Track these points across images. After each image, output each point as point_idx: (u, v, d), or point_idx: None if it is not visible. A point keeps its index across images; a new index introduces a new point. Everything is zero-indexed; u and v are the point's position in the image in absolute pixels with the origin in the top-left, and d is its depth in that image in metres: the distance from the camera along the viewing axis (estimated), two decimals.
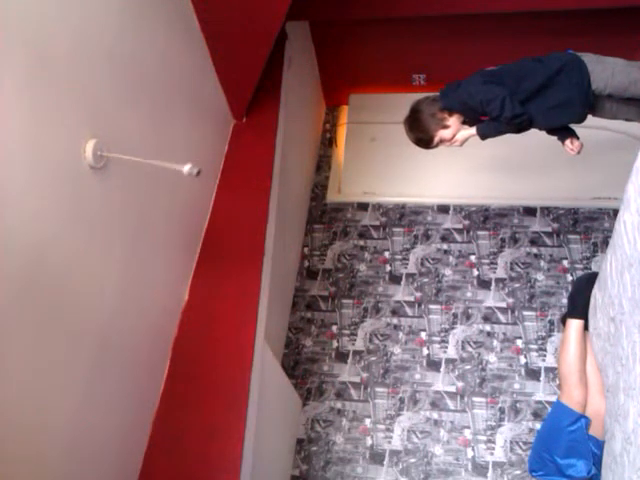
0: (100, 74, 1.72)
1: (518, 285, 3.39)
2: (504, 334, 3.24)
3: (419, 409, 3.08)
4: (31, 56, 1.42)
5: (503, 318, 3.30)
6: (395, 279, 3.52)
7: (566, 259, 3.44)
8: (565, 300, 3.22)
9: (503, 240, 3.56)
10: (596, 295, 2.10)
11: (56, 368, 1.54)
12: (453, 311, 3.36)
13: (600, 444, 1.99)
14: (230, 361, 2.14)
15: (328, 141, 4.20)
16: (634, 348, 1.64)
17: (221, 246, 2.44)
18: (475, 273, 3.47)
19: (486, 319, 3.31)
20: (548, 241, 3.52)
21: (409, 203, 3.78)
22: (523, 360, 3.14)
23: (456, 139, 2.46)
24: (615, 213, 2.05)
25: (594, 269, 3.31)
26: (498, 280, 3.42)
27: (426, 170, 3.77)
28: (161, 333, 2.15)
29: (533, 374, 3.10)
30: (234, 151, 2.74)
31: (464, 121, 2.47)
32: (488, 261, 3.50)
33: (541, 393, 3.04)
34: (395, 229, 3.71)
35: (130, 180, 1.89)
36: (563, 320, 2.34)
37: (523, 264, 3.46)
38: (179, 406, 2.08)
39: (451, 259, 3.54)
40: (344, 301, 3.48)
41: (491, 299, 3.37)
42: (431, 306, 3.39)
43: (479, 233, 3.61)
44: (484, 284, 3.42)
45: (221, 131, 2.73)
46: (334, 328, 3.39)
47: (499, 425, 2.99)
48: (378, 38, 3.77)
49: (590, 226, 3.52)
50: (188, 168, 1.66)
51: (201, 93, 2.52)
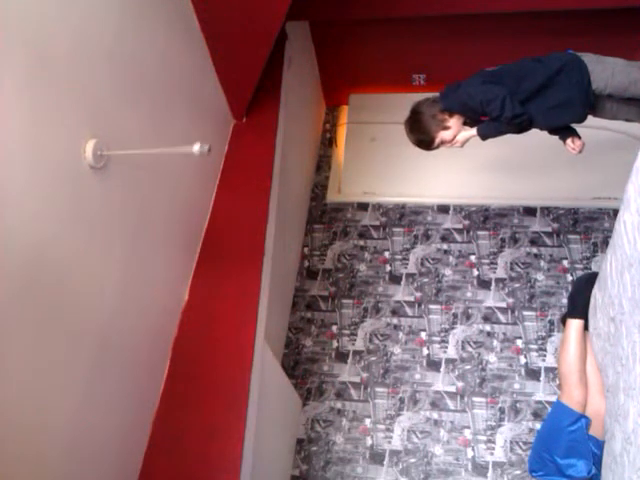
0: (100, 74, 1.72)
1: (518, 285, 3.39)
2: (504, 334, 3.24)
3: (419, 409, 3.08)
4: (31, 56, 1.42)
5: (503, 318, 3.29)
6: (395, 279, 3.52)
7: (566, 259, 3.44)
8: (565, 300, 3.22)
9: (503, 240, 3.56)
10: (596, 295, 2.10)
11: (56, 368, 1.53)
12: (453, 311, 3.36)
13: (600, 444, 1.99)
14: (230, 361, 2.14)
15: (328, 141, 4.20)
16: (634, 348, 1.64)
17: (221, 246, 2.44)
18: (475, 273, 3.47)
19: (486, 319, 3.30)
20: (548, 241, 3.52)
21: (409, 203, 3.78)
22: (523, 360, 3.14)
23: (457, 140, 2.46)
24: (615, 213, 2.04)
25: (594, 269, 3.31)
26: (498, 280, 3.42)
27: (426, 170, 3.77)
28: (161, 333, 2.15)
29: (533, 374, 3.10)
30: (234, 151, 2.74)
31: (465, 122, 2.47)
32: (488, 261, 3.50)
33: (541, 393, 3.04)
34: (395, 229, 3.70)
35: (130, 180, 1.89)
36: (563, 320, 2.34)
37: (523, 264, 3.46)
38: (179, 406, 2.08)
39: (451, 259, 3.54)
40: (344, 301, 3.48)
41: (491, 299, 3.37)
42: (431, 306, 3.39)
43: (479, 233, 3.61)
44: (484, 284, 3.42)
45: (221, 131, 2.73)
46: (334, 328, 3.39)
47: (499, 425, 2.99)
48: (378, 38, 3.77)
49: (590, 226, 3.52)
50: (198, 147, 1.62)
51: (201, 93, 2.52)
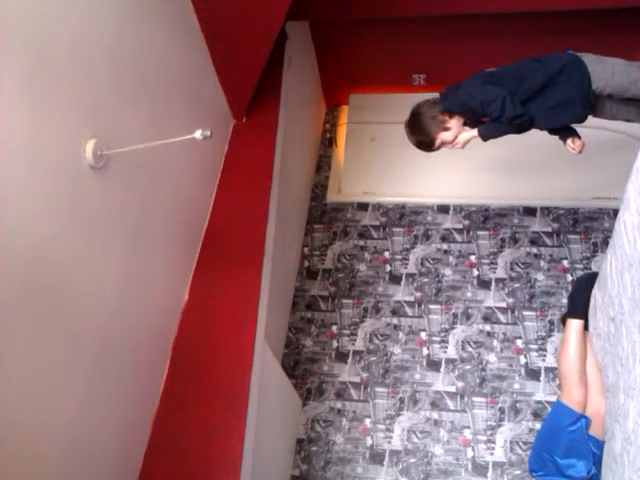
0: (100, 74, 1.72)
1: (518, 285, 3.39)
2: (504, 334, 3.24)
3: (419, 409, 3.07)
4: (31, 56, 1.42)
5: (503, 318, 3.29)
6: (395, 279, 3.52)
7: (566, 259, 3.44)
8: (565, 300, 3.22)
9: (503, 240, 3.56)
10: (596, 295, 2.10)
11: (56, 368, 1.54)
12: (453, 311, 3.35)
13: (600, 444, 1.98)
14: (230, 361, 2.14)
15: (328, 141, 4.20)
16: (634, 348, 1.64)
17: (221, 246, 2.44)
18: (475, 273, 3.47)
19: (486, 319, 3.30)
20: (548, 241, 3.52)
21: (409, 203, 3.78)
22: (523, 360, 3.14)
23: (458, 141, 2.46)
24: (615, 213, 2.04)
25: (594, 269, 3.31)
26: (498, 280, 3.42)
27: (426, 170, 3.77)
28: (161, 333, 2.15)
29: (533, 374, 3.10)
30: (234, 151, 2.74)
31: (465, 123, 2.47)
32: (488, 261, 3.50)
33: (541, 393, 3.04)
34: (395, 229, 3.70)
35: (130, 180, 1.89)
36: (563, 320, 2.34)
37: (523, 264, 3.46)
38: (179, 406, 2.08)
39: (451, 259, 3.54)
40: (344, 301, 3.48)
41: (491, 299, 3.37)
42: (431, 306, 3.39)
43: (479, 233, 3.61)
44: (484, 284, 3.42)
45: (221, 131, 2.73)
46: (334, 328, 3.39)
47: (499, 425, 2.98)
48: (378, 38, 3.77)
49: (590, 226, 3.52)
50: (200, 133, 1.64)
51: (201, 93, 2.52)
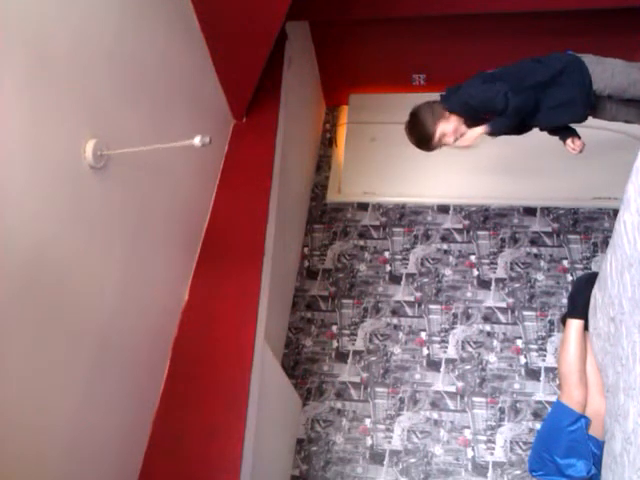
0: (100, 74, 1.72)
1: (518, 285, 3.39)
2: (504, 334, 3.24)
3: (419, 409, 3.07)
4: (31, 56, 1.42)
5: (503, 318, 3.29)
6: (395, 279, 3.52)
7: (566, 259, 3.44)
8: (565, 300, 3.22)
9: (503, 240, 3.56)
10: (596, 295, 2.10)
11: (56, 368, 1.54)
12: (453, 311, 3.35)
13: (600, 444, 1.98)
14: (230, 361, 2.14)
15: (328, 141, 4.20)
16: (634, 348, 1.64)
17: (221, 246, 2.44)
18: (475, 273, 3.47)
19: (486, 319, 3.30)
20: (548, 241, 3.52)
21: (409, 203, 3.78)
22: (523, 360, 3.14)
23: (465, 138, 2.44)
24: (615, 213, 2.04)
25: (594, 269, 3.31)
26: (498, 280, 3.42)
27: (426, 170, 3.76)
28: (161, 333, 2.15)
29: (533, 374, 3.10)
30: (234, 151, 2.74)
31: (466, 124, 2.47)
32: (488, 261, 3.50)
33: (541, 393, 3.04)
34: (395, 229, 3.70)
35: (130, 180, 1.89)
36: (563, 320, 2.34)
37: (523, 264, 3.46)
38: (179, 406, 2.08)
39: (451, 259, 3.54)
40: (344, 301, 3.48)
41: (491, 299, 3.37)
42: (431, 306, 3.39)
43: (479, 233, 3.61)
44: (484, 284, 3.42)
45: (221, 131, 2.73)
46: (334, 328, 3.39)
47: (499, 425, 2.98)
48: (378, 38, 3.77)
49: (590, 226, 3.52)
50: (199, 139, 1.65)
51: (201, 93, 2.52)
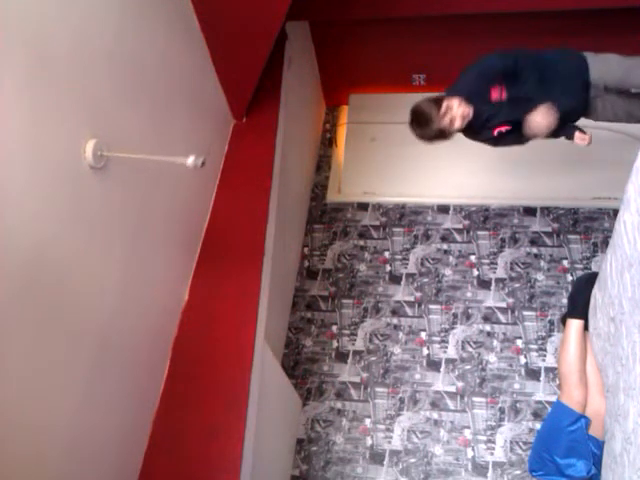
0: (100, 74, 1.73)
1: (518, 285, 3.39)
2: (504, 334, 3.24)
3: (419, 409, 3.07)
4: (31, 56, 1.42)
5: (503, 318, 3.29)
6: (395, 279, 3.51)
7: (566, 259, 3.44)
8: (565, 300, 3.22)
9: (503, 240, 3.56)
10: (596, 295, 2.10)
11: (56, 368, 1.54)
12: (453, 311, 3.35)
13: (600, 444, 1.98)
14: (230, 361, 2.14)
15: (328, 141, 4.20)
16: (634, 348, 1.64)
17: (221, 246, 2.44)
18: (475, 273, 3.46)
19: (486, 319, 3.30)
20: (548, 241, 3.52)
21: (409, 203, 3.78)
22: (523, 360, 3.14)
23: (534, 121, 2.39)
24: (615, 213, 2.04)
25: (594, 269, 3.31)
26: (498, 280, 3.42)
27: (426, 170, 3.76)
28: (161, 333, 2.15)
29: (533, 374, 3.10)
30: (234, 151, 2.74)
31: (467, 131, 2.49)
32: (488, 261, 3.50)
33: (541, 393, 3.04)
34: (395, 229, 3.70)
35: (130, 180, 1.89)
36: (563, 320, 2.34)
37: (523, 264, 3.46)
38: (179, 406, 2.08)
39: (451, 259, 3.54)
40: (344, 301, 3.48)
41: (491, 299, 3.36)
42: (431, 306, 3.39)
43: (479, 233, 3.60)
44: (484, 284, 3.42)
45: (221, 131, 2.73)
46: (334, 328, 3.39)
47: (499, 425, 2.98)
48: (378, 38, 3.77)
49: (590, 226, 3.52)
50: (192, 160, 1.66)
51: (201, 93, 2.53)
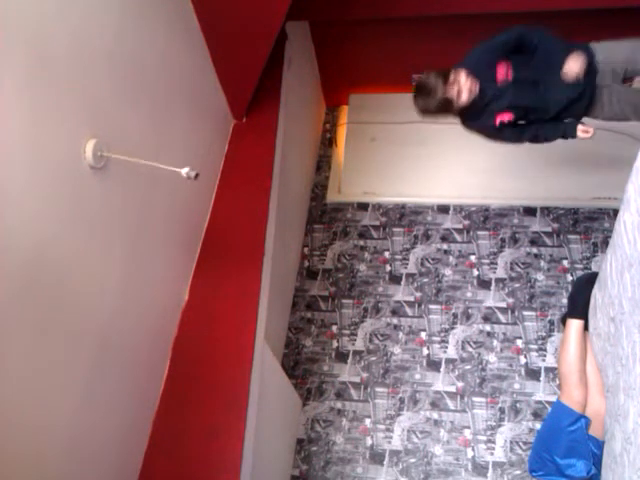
0: (100, 74, 1.73)
1: (518, 285, 3.39)
2: (504, 334, 3.24)
3: (419, 409, 3.07)
4: (31, 56, 1.42)
5: (503, 318, 3.29)
6: (395, 279, 3.51)
7: (566, 259, 3.44)
8: (565, 300, 3.22)
9: (503, 240, 3.56)
10: (596, 295, 2.10)
11: (56, 368, 1.54)
12: (453, 311, 3.35)
13: (600, 444, 1.99)
14: (230, 361, 2.14)
15: (328, 141, 4.20)
16: (634, 348, 1.64)
17: (221, 246, 2.44)
18: (475, 273, 3.46)
19: (486, 319, 3.30)
20: (548, 241, 3.52)
21: (409, 203, 3.78)
22: (523, 360, 3.14)
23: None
24: (615, 213, 2.05)
25: (594, 269, 3.31)
26: (498, 280, 3.42)
27: (426, 170, 3.76)
28: (161, 333, 2.15)
29: (533, 374, 3.10)
30: (234, 151, 2.74)
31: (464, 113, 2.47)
32: (488, 261, 3.50)
33: (541, 393, 3.04)
34: (395, 229, 3.70)
35: (130, 180, 1.89)
36: (563, 320, 2.35)
37: (523, 264, 3.46)
38: (179, 406, 2.08)
39: (451, 259, 3.54)
40: (344, 301, 3.48)
41: (491, 299, 3.36)
42: (431, 306, 3.39)
43: (479, 233, 3.60)
44: (484, 284, 3.42)
45: (221, 131, 2.73)
46: (334, 328, 3.39)
47: (499, 425, 2.98)
48: (378, 38, 3.77)
49: (590, 226, 3.52)
50: (186, 171, 1.67)
51: (201, 93, 2.53)
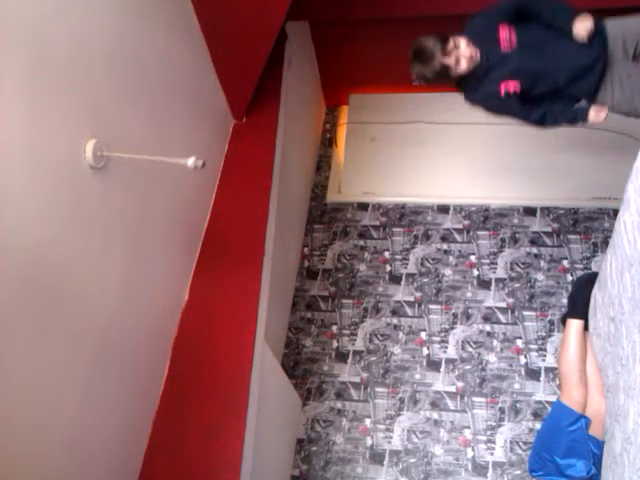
0: (100, 74, 1.73)
1: (518, 285, 3.38)
2: (504, 334, 3.24)
3: (419, 409, 3.07)
4: (31, 56, 1.42)
5: (503, 318, 3.29)
6: (395, 279, 3.51)
7: (566, 259, 3.44)
8: (565, 300, 3.22)
9: (503, 240, 3.56)
10: (596, 295, 2.10)
11: (56, 368, 1.54)
12: (453, 311, 3.35)
13: (600, 444, 1.99)
14: (230, 361, 2.14)
15: (328, 141, 4.20)
16: (634, 348, 1.64)
17: (221, 246, 2.44)
18: (475, 273, 3.46)
19: (486, 319, 3.30)
20: (548, 241, 3.52)
21: (409, 203, 3.78)
22: (523, 360, 3.14)
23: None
24: (615, 213, 2.05)
25: (594, 269, 3.31)
26: (498, 280, 3.42)
27: (426, 170, 3.77)
28: (161, 333, 2.15)
29: (533, 374, 3.10)
30: (234, 151, 2.74)
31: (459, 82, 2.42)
32: (488, 261, 3.50)
33: (541, 393, 3.04)
34: (395, 229, 3.70)
35: (130, 180, 1.89)
36: (563, 320, 2.35)
37: (523, 264, 3.45)
38: (179, 406, 2.08)
39: (451, 259, 3.54)
40: (344, 301, 3.48)
41: (491, 299, 3.36)
42: (431, 306, 3.39)
43: (479, 233, 3.60)
44: (484, 284, 3.42)
45: (221, 131, 2.73)
46: (334, 328, 3.39)
47: (499, 425, 2.98)
48: (378, 38, 3.77)
49: (590, 226, 3.52)
50: (192, 161, 1.66)
51: (201, 93, 2.53)
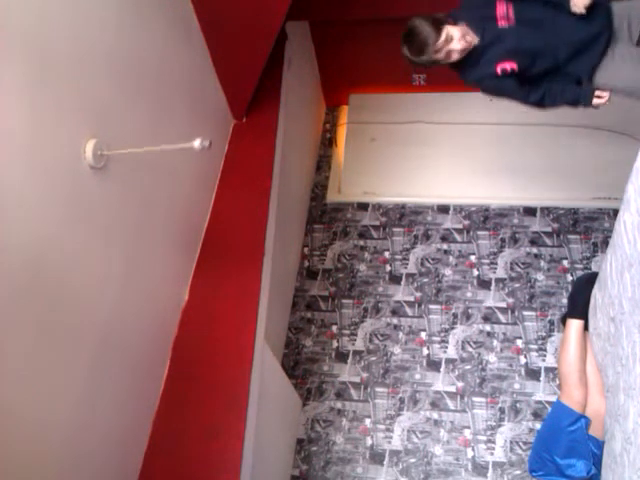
0: (100, 74, 1.73)
1: (518, 285, 3.38)
2: (504, 334, 3.24)
3: (419, 409, 3.07)
4: (31, 56, 1.42)
5: (503, 318, 3.29)
6: (395, 279, 3.51)
7: (566, 259, 3.44)
8: (565, 300, 3.22)
9: (503, 240, 3.56)
10: (596, 295, 2.10)
11: (56, 368, 1.54)
12: (453, 311, 3.35)
13: (600, 444, 1.99)
14: (230, 361, 2.14)
15: (328, 141, 4.20)
16: (634, 348, 1.64)
17: (221, 246, 2.44)
18: (475, 273, 3.46)
19: (486, 319, 3.30)
20: (548, 241, 3.52)
21: (409, 203, 3.78)
22: (523, 360, 3.14)
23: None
24: (615, 213, 2.05)
25: (594, 269, 3.31)
26: (498, 280, 3.42)
27: (426, 170, 3.76)
28: (161, 333, 2.15)
29: (533, 374, 3.10)
30: (234, 151, 2.74)
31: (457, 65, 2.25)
32: (488, 261, 3.50)
33: (541, 393, 3.04)
34: (395, 229, 3.70)
35: (130, 180, 1.89)
36: (563, 320, 2.35)
37: (523, 264, 3.45)
38: (179, 406, 2.08)
39: (451, 259, 3.54)
40: (344, 301, 3.48)
41: (491, 299, 3.36)
42: (431, 306, 3.39)
43: (479, 233, 3.60)
44: (484, 284, 3.42)
45: (221, 131, 2.73)
46: (334, 328, 3.39)
47: (499, 425, 2.98)
48: (378, 38, 3.76)
49: (590, 226, 3.52)
50: (198, 142, 1.63)
51: (201, 93, 2.53)
